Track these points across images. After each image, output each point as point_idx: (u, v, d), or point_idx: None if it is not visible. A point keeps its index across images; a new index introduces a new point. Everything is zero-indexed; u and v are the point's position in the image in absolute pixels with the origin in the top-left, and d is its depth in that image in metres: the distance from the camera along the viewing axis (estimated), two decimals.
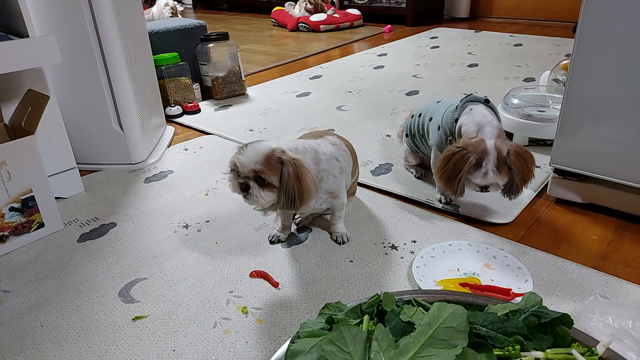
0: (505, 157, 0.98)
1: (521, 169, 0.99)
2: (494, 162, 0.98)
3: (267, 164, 0.87)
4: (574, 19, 3.26)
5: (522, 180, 1.00)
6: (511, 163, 0.98)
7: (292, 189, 0.87)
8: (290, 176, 0.86)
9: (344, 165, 1.02)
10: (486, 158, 0.98)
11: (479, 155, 0.99)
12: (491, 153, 0.98)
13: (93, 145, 1.47)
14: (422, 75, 2.29)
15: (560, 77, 1.69)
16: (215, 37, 2.05)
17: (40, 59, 1.08)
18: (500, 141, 1.00)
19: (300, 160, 0.89)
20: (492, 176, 0.99)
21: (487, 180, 0.99)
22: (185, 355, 0.80)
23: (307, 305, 0.89)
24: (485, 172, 0.99)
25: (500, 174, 0.99)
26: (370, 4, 3.84)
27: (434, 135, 1.15)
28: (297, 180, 0.87)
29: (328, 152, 0.99)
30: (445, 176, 1.03)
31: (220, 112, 1.95)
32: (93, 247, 1.10)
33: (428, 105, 1.24)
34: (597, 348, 0.55)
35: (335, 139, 1.06)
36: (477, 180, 1.00)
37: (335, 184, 1.00)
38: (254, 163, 0.87)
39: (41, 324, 0.88)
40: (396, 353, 0.53)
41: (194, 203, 1.27)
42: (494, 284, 0.90)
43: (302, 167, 0.88)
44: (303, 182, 0.87)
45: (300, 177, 0.87)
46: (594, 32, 0.97)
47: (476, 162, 0.99)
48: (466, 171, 1.00)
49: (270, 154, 0.87)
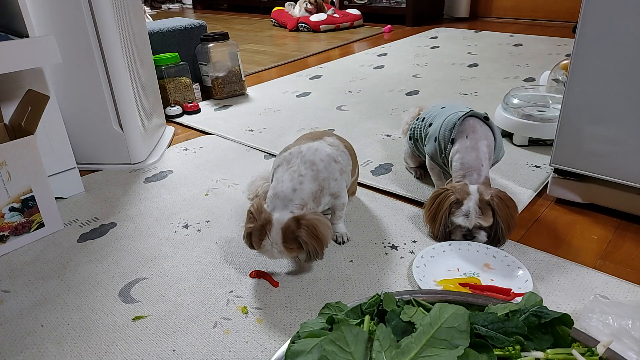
0: (488, 200, 0.97)
1: (505, 212, 0.98)
2: (476, 202, 0.97)
3: (288, 248, 0.90)
4: (574, 19, 3.26)
5: (506, 225, 0.98)
6: (495, 206, 0.97)
7: (312, 248, 0.90)
8: (307, 242, 0.89)
9: (343, 165, 1.02)
10: (467, 197, 0.98)
11: (460, 195, 0.98)
12: (473, 194, 0.98)
13: (93, 145, 1.47)
14: (422, 75, 2.30)
15: (560, 77, 1.69)
16: (215, 37, 2.05)
17: (40, 59, 1.08)
18: (483, 187, 1.00)
19: (309, 217, 0.90)
20: (474, 216, 0.97)
21: (469, 220, 0.98)
22: (185, 355, 0.80)
23: (307, 305, 0.89)
24: (467, 211, 0.98)
25: (483, 215, 0.97)
26: (370, 4, 3.84)
27: (429, 143, 1.15)
28: (314, 239, 0.89)
29: (325, 155, 0.98)
30: (430, 216, 1.03)
31: (220, 112, 1.95)
32: (93, 247, 1.10)
33: (433, 109, 1.22)
34: (597, 348, 0.55)
35: (334, 140, 1.05)
36: (459, 220, 0.99)
37: (337, 186, 1.00)
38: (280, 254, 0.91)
39: (41, 324, 0.88)
40: (398, 353, 0.53)
41: (194, 203, 1.27)
42: (494, 284, 0.90)
43: (315, 224, 0.89)
44: (320, 237, 0.90)
45: (316, 234, 0.89)
46: (594, 32, 0.97)
47: (457, 202, 0.98)
48: (447, 210, 0.99)
49: (285, 237, 0.89)
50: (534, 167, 1.34)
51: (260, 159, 1.51)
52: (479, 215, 0.97)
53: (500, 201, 0.98)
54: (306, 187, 0.94)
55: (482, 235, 1.01)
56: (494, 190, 0.99)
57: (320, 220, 0.91)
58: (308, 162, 0.96)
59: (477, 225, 0.99)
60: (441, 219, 1.01)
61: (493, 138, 1.09)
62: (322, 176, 0.96)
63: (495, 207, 0.97)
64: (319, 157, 0.98)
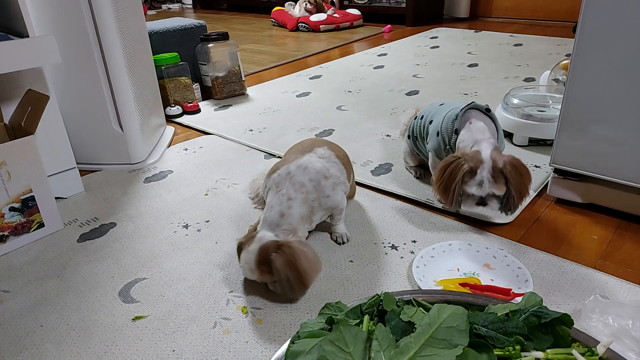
0: (502, 167, 0.97)
1: (518, 181, 0.97)
2: (489, 171, 0.97)
3: (260, 269, 0.86)
4: (574, 19, 3.26)
5: (518, 193, 0.97)
6: (507, 174, 0.96)
7: (286, 278, 0.84)
8: (280, 269, 0.83)
9: (335, 178, 0.99)
10: (481, 166, 0.97)
11: (474, 164, 0.97)
12: (486, 162, 0.97)
13: (93, 145, 1.47)
14: (422, 75, 2.29)
15: (560, 77, 1.69)
16: (215, 37, 2.05)
17: (40, 59, 1.08)
18: (496, 153, 0.99)
19: (294, 246, 0.85)
20: (488, 185, 0.97)
21: (482, 190, 0.97)
22: (185, 355, 0.80)
23: (307, 305, 0.89)
24: (480, 180, 0.97)
25: (496, 184, 0.97)
26: (370, 4, 3.84)
27: (432, 140, 1.15)
28: (291, 270, 0.84)
29: (315, 174, 0.96)
30: (442, 187, 1.02)
31: (220, 112, 1.95)
32: (93, 247, 1.10)
33: (431, 107, 1.23)
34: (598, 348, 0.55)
35: (325, 151, 1.03)
36: (472, 190, 0.98)
37: (331, 201, 0.98)
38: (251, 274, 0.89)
39: (41, 324, 0.88)
40: (396, 352, 0.53)
41: (194, 203, 1.27)
42: (494, 284, 0.90)
43: (295, 253, 0.84)
44: (299, 270, 0.84)
45: (294, 265, 0.84)
46: (594, 32, 0.97)
47: (471, 171, 0.98)
48: (461, 179, 0.98)
49: (260, 257, 0.86)
50: (534, 167, 1.34)
51: (260, 158, 1.51)
52: (492, 184, 0.97)
53: (513, 169, 0.97)
54: (295, 211, 0.92)
55: (494, 203, 1.00)
56: (507, 157, 0.98)
57: (306, 254, 0.86)
58: (297, 183, 0.95)
59: (490, 193, 0.98)
60: (454, 189, 0.99)
61: (495, 129, 1.09)
62: (312, 197, 0.95)
63: (508, 175, 0.96)
64: (308, 177, 0.96)
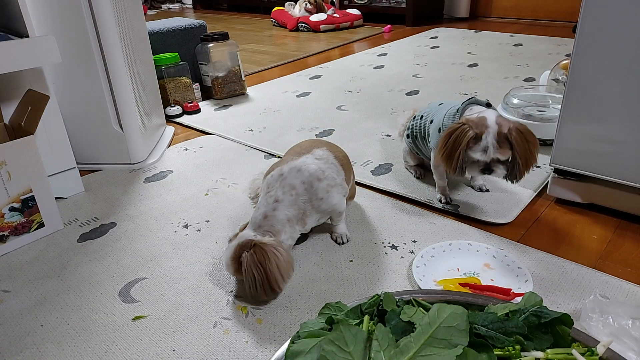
0: (507, 133, 0.96)
1: (523, 147, 0.95)
2: (494, 136, 0.95)
3: (234, 267, 0.88)
4: (574, 19, 3.26)
5: (524, 160, 0.96)
6: (513, 139, 0.95)
7: (252, 278, 0.84)
8: (246, 269, 0.84)
9: (330, 180, 0.98)
10: (486, 131, 0.96)
11: (479, 130, 0.96)
12: (491, 127, 0.96)
13: (93, 145, 1.47)
14: (422, 75, 2.30)
15: (560, 77, 1.69)
16: (215, 37, 2.05)
17: (40, 59, 1.08)
18: (501, 118, 0.98)
19: (265, 246, 0.85)
20: (492, 151, 0.95)
21: (487, 155, 0.96)
22: (185, 355, 0.80)
23: (307, 305, 0.89)
24: (485, 146, 0.96)
25: (501, 149, 0.96)
26: (370, 4, 3.84)
27: (434, 136, 1.15)
28: (257, 270, 0.83)
29: (308, 176, 0.96)
30: (446, 154, 1.00)
31: (220, 112, 1.95)
32: (93, 247, 1.10)
33: (430, 107, 1.23)
34: (597, 348, 0.55)
35: (323, 152, 1.02)
36: (477, 155, 0.97)
37: (326, 204, 0.98)
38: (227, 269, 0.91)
39: (41, 323, 0.88)
40: (396, 352, 0.53)
41: (194, 203, 1.27)
42: (494, 283, 0.90)
43: (266, 255, 0.84)
44: (267, 271, 0.83)
45: (262, 265, 0.83)
46: (594, 32, 0.97)
47: (476, 137, 0.96)
48: (465, 145, 0.96)
49: (236, 254, 0.88)
50: (533, 167, 1.34)
51: (260, 158, 1.51)
52: (497, 149, 0.96)
53: (519, 135, 0.96)
54: (280, 213, 0.92)
55: (500, 169, 0.99)
56: (513, 123, 0.97)
57: (277, 256, 0.85)
58: (287, 186, 0.95)
59: (495, 159, 0.97)
60: (458, 156, 0.98)
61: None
62: (302, 199, 0.95)
63: (513, 141, 0.95)
64: (300, 180, 0.95)
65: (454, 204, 1.18)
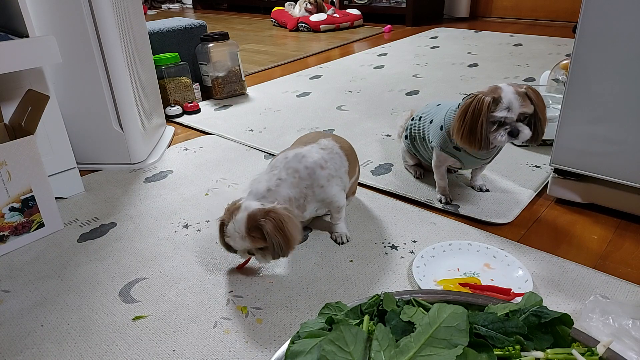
0: (524, 91, 0.98)
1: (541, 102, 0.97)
2: (514, 92, 0.97)
3: (251, 236, 0.87)
4: (574, 19, 3.26)
5: (544, 115, 0.98)
6: (532, 95, 0.98)
7: (277, 242, 0.87)
8: (270, 234, 0.86)
9: (332, 171, 0.99)
10: (502, 93, 0.97)
11: (495, 94, 0.97)
12: (505, 88, 0.98)
13: (93, 145, 1.47)
14: (422, 75, 2.30)
15: (560, 77, 1.69)
16: (215, 37, 2.05)
17: (40, 59, 1.08)
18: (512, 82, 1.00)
19: (279, 211, 0.87)
20: (517, 105, 0.95)
21: (512, 112, 0.96)
22: (185, 355, 0.80)
23: (307, 305, 0.89)
24: (509, 103, 0.96)
25: (524, 102, 0.97)
26: (370, 4, 3.84)
27: (436, 135, 1.15)
28: (280, 233, 0.86)
29: (311, 163, 0.97)
30: (466, 130, 0.99)
31: (220, 112, 1.95)
32: (93, 247, 1.10)
33: (428, 107, 1.23)
34: (598, 348, 0.55)
35: (328, 142, 1.04)
36: (503, 114, 0.96)
37: (325, 193, 0.98)
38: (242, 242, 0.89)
39: (41, 323, 0.88)
40: (397, 352, 0.53)
41: (194, 203, 1.27)
42: (494, 284, 0.90)
43: (282, 217, 0.87)
44: (287, 233, 0.87)
45: (282, 229, 0.86)
46: (594, 32, 0.97)
47: (494, 100, 0.97)
48: (487, 110, 0.96)
49: (250, 224, 0.87)
50: (534, 167, 1.34)
51: (260, 158, 1.51)
52: (521, 103, 0.96)
53: (534, 92, 0.98)
54: (282, 190, 0.93)
55: (526, 130, 0.99)
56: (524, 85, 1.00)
57: (290, 218, 0.88)
58: (291, 169, 0.96)
59: (520, 117, 0.98)
60: (481, 125, 0.97)
61: None
62: (304, 184, 0.95)
63: (532, 96, 0.97)
64: (304, 165, 0.97)
65: (454, 204, 1.18)
